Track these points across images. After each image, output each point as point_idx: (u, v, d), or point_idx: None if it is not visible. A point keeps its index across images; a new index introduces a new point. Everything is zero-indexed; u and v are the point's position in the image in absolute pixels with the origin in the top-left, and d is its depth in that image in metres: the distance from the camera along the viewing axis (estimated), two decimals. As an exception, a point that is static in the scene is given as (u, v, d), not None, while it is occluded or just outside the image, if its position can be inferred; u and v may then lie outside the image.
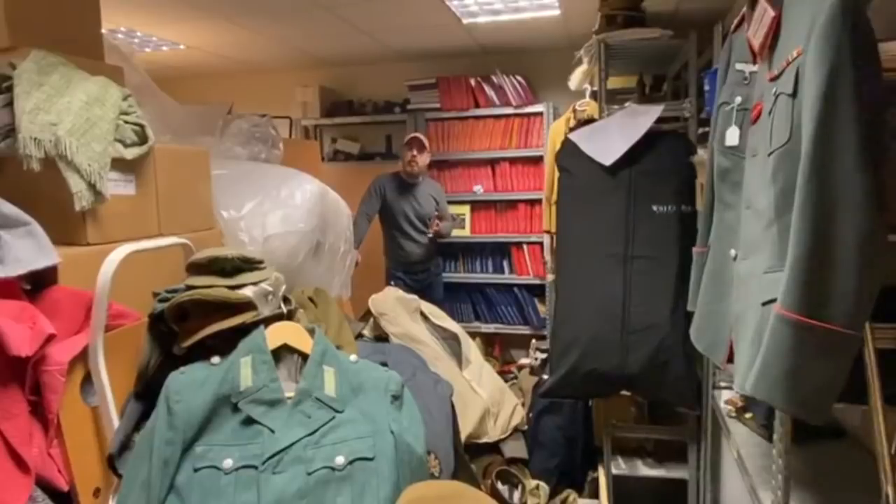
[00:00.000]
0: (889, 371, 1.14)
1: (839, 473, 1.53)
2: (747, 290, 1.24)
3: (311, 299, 1.69)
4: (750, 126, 1.29)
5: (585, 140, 2.46)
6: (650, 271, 2.28)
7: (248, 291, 1.28)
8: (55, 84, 1.36)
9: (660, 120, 2.45)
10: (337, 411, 1.17)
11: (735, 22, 1.43)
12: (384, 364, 1.32)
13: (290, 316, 1.40)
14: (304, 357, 1.24)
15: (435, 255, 4.13)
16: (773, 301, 1.06)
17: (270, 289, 1.34)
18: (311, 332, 1.28)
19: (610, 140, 2.38)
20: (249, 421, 1.12)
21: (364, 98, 4.78)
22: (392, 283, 3.77)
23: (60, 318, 1.18)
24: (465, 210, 4.49)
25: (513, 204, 4.41)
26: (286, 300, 1.44)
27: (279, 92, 4.76)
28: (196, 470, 1.07)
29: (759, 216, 1.19)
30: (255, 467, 1.07)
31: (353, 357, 1.28)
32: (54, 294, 1.21)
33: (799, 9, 1.08)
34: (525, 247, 4.38)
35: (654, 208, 2.32)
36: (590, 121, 2.77)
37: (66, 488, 1.11)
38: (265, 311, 1.31)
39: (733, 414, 1.95)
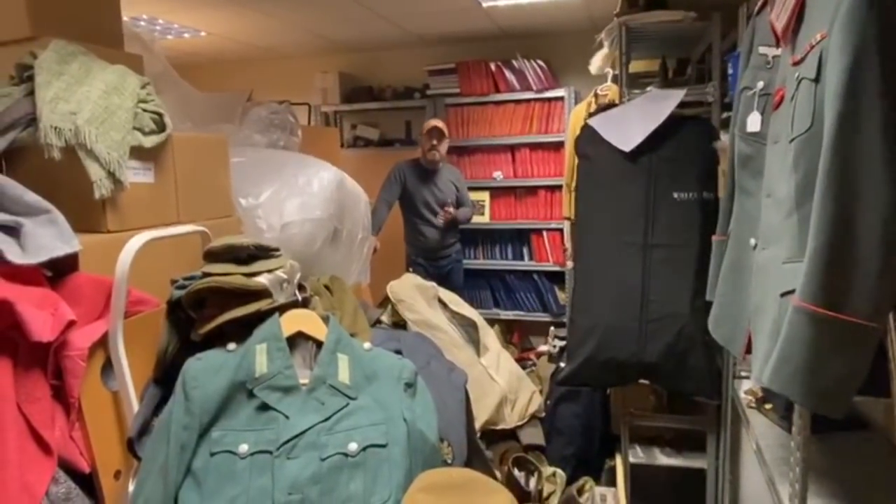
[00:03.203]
0: (912, 364, 1.11)
1: (859, 465, 1.51)
2: (766, 280, 1.22)
3: (326, 287, 1.70)
4: (772, 112, 1.26)
5: (605, 126, 2.42)
6: (670, 259, 2.25)
7: (263, 279, 1.29)
8: (74, 73, 1.38)
9: (682, 104, 2.40)
10: (350, 398, 1.18)
11: (759, 4, 1.40)
12: (398, 352, 1.33)
13: (305, 303, 1.41)
14: (319, 344, 1.25)
15: (456, 242, 4.11)
16: (791, 292, 1.03)
17: (285, 276, 1.35)
18: (326, 319, 1.29)
19: (630, 126, 2.34)
20: (264, 407, 1.14)
21: (383, 84, 4.77)
22: (411, 269, 3.78)
23: (81, 304, 1.21)
24: (485, 196, 4.47)
25: (533, 190, 4.38)
26: (301, 288, 1.45)
27: (299, 78, 4.77)
28: (212, 454, 1.09)
29: (779, 205, 1.16)
30: (270, 452, 1.09)
31: (366, 345, 1.28)
32: (75, 281, 1.24)
33: (824, -10, 1.05)
34: (545, 233, 4.35)
35: (675, 195, 2.28)
36: (610, 106, 2.72)
37: (87, 470, 1.14)
38: (280, 299, 1.32)
39: (753, 404, 1.93)
